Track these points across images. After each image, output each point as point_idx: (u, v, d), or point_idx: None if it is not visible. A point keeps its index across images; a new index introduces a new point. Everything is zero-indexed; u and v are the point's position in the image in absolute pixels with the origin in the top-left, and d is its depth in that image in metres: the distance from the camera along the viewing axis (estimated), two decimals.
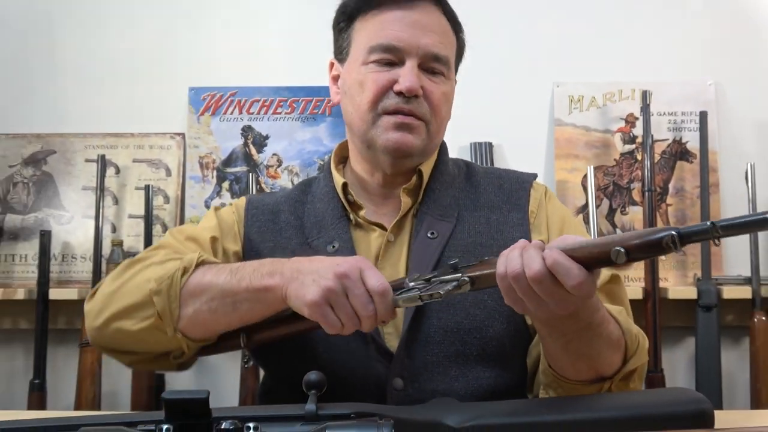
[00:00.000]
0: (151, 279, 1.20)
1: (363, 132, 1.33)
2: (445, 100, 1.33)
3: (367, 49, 1.31)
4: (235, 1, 2.57)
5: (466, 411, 0.98)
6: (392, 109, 1.29)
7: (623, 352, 1.17)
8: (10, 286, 2.42)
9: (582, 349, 1.11)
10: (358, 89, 1.32)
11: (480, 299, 1.27)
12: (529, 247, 0.99)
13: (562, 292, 0.97)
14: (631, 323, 1.22)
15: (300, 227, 1.37)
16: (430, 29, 1.31)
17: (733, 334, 2.40)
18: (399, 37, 1.29)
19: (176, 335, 1.19)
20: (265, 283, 1.14)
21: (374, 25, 1.32)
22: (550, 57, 2.51)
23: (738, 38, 2.49)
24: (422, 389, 1.24)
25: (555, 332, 1.09)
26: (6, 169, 2.51)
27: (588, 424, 0.97)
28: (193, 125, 2.52)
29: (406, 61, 1.29)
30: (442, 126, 1.36)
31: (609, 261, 0.94)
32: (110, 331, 1.22)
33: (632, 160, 2.46)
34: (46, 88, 2.57)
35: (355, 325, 1.09)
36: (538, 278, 0.96)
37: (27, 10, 2.59)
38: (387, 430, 0.81)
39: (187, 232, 1.37)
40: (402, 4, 1.31)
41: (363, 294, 1.08)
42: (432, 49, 1.30)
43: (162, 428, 0.80)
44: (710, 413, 0.97)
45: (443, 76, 1.33)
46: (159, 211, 2.47)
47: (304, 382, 0.92)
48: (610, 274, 1.30)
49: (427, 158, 1.37)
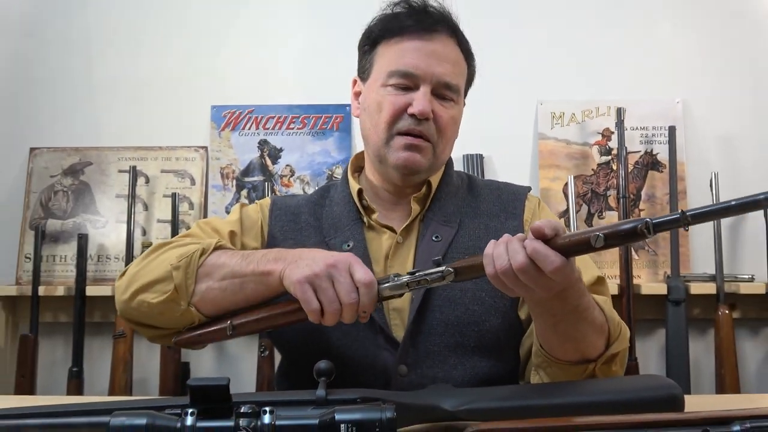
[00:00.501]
0: (173, 257, 1.21)
1: (377, 148, 1.33)
2: (452, 122, 1.33)
3: (387, 73, 1.31)
4: (252, 30, 2.57)
5: (461, 396, 0.98)
6: (405, 129, 1.29)
7: (606, 337, 1.17)
8: (52, 283, 2.42)
9: (569, 331, 1.11)
10: (376, 109, 1.32)
11: (478, 296, 1.27)
12: (512, 240, 1.01)
13: (544, 278, 0.99)
14: (614, 312, 1.23)
15: (318, 228, 1.37)
16: (445, 59, 1.30)
17: (699, 326, 2.39)
18: (416, 65, 1.29)
19: (189, 309, 1.19)
20: (268, 268, 1.15)
21: (395, 52, 1.32)
22: (534, 78, 2.51)
23: (703, 61, 2.49)
24: (424, 375, 1.24)
25: (545, 313, 1.10)
26: (48, 179, 2.51)
27: (571, 407, 0.96)
28: (215, 139, 2.51)
29: (421, 87, 1.29)
30: (448, 146, 1.36)
31: (588, 245, 0.97)
32: (135, 303, 1.21)
33: (608, 170, 2.45)
34: (83, 106, 2.58)
35: (335, 311, 1.08)
36: (522, 268, 0.98)
37: (66, 35, 2.59)
38: (389, 413, 0.81)
39: (212, 224, 1.38)
40: (421, 34, 1.30)
41: (348, 283, 1.08)
42: (444, 78, 1.30)
43: (187, 412, 0.80)
44: (680, 398, 0.97)
45: (453, 101, 1.33)
46: (184, 217, 2.47)
47: (315, 370, 0.92)
48: (596, 276, 1.31)
49: (433, 174, 1.37)
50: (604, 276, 1.34)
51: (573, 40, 2.51)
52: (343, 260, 1.10)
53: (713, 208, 0.92)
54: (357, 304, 1.08)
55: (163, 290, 1.18)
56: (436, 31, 1.31)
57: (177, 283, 1.18)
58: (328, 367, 0.92)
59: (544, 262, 0.97)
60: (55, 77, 2.58)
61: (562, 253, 0.98)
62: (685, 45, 2.50)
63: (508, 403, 0.97)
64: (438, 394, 0.99)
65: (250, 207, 1.43)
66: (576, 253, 1.00)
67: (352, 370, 1.24)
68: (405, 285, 1.09)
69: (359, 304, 1.08)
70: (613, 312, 1.22)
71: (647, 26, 2.51)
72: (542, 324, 1.14)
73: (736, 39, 2.49)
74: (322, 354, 1.00)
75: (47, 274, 2.43)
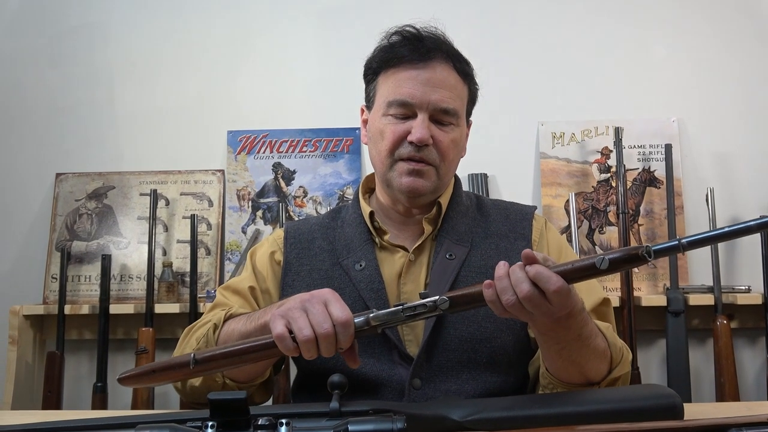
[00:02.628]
0: (194, 342, 1.24)
1: (383, 173, 1.34)
2: (453, 145, 1.32)
3: (386, 103, 1.32)
4: (265, 59, 2.59)
5: (469, 406, 0.98)
6: (406, 156, 1.30)
7: (609, 363, 1.18)
8: (77, 302, 2.43)
9: (573, 357, 1.12)
10: (379, 137, 1.33)
11: (490, 313, 1.26)
12: (514, 269, 1.00)
13: (546, 304, 0.98)
14: (616, 338, 1.23)
15: (332, 250, 1.37)
16: (441, 86, 1.30)
17: (698, 335, 2.38)
18: (412, 94, 1.29)
19: (226, 382, 1.22)
20: (263, 319, 1.15)
21: (393, 82, 1.32)
22: (535, 100, 2.52)
23: (697, 81, 2.49)
24: (437, 389, 1.24)
25: (550, 340, 1.10)
26: (73, 202, 2.53)
27: (573, 416, 0.96)
28: (231, 163, 2.53)
29: (419, 115, 1.29)
30: (451, 167, 1.35)
31: (593, 268, 0.96)
32: (188, 389, 1.25)
33: (608, 186, 2.45)
34: (106, 133, 2.60)
35: (307, 339, 1.01)
36: (528, 296, 0.97)
37: (89, 67, 2.62)
38: (400, 423, 0.81)
39: (232, 287, 1.39)
40: (416, 63, 1.30)
41: (320, 313, 1.02)
42: (440, 104, 1.29)
43: (207, 425, 0.80)
44: (680, 406, 0.97)
45: (452, 125, 1.32)
46: (203, 237, 2.48)
47: (329, 384, 0.92)
48: (602, 298, 1.32)
49: (438, 194, 1.36)
50: (609, 298, 1.34)
51: (572, 64, 2.52)
52: (319, 294, 1.06)
53: (707, 236, 0.93)
54: (333, 336, 1.02)
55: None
56: (431, 58, 1.30)
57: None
58: (341, 380, 0.92)
59: (548, 282, 0.96)
60: (80, 106, 2.60)
61: (565, 278, 0.98)
62: (680, 66, 2.50)
63: (513, 413, 0.96)
64: (446, 404, 0.99)
65: (259, 253, 1.43)
66: (579, 278, 0.99)
67: (369, 385, 1.25)
68: (401, 311, 1.03)
69: (336, 340, 1.02)
70: (615, 338, 1.22)
71: (643, 49, 2.52)
72: (547, 350, 1.14)
73: (729, 59, 2.49)
74: (339, 370, 0.99)
75: (72, 293, 2.44)
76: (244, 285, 1.38)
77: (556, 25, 2.54)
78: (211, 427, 0.80)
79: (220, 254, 2.47)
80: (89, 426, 0.95)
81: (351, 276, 1.32)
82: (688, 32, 2.51)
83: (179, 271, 2.42)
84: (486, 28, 2.54)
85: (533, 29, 2.55)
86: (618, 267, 0.96)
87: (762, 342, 2.35)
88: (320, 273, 1.34)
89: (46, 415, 1.35)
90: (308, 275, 1.35)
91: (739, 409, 1.21)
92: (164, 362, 1.07)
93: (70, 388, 2.40)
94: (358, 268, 1.31)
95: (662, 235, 2.38)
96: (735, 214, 2.42)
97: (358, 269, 1.31)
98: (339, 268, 1.33)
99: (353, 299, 1.30)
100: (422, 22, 1.37)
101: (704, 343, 2.38)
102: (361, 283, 1.30)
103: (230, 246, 2.47)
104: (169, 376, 1.08)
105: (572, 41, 2.53)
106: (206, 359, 1.04)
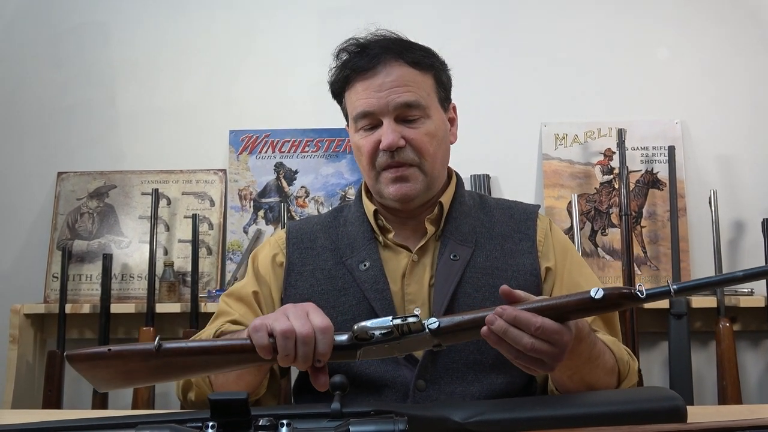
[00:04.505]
0: None
1: (372, 186, 1.35)
2: (429, 139, 1.30)
3: (353, 119, 1.33)
4: (267, 59, 2.59)
5: (471, 408, 0.97)
6: (384, 165, 1.29)
7: (617, 377, 1.19)
8: (78, 301, 2.43)
9: (585, 378, 1.12)
10: (359, 152, 1.34)
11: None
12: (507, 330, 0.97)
13: (548, 347, 0.97)
14: (622, 351, 1.24)
15: (335, 249, 1.36)
16: (395, 85, 1.28)
17: (701, 338, 2.37)
18: (368, 103, 1.29)
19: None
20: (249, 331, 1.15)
21: (353, 97, 1.33)
22: (538, 101, 2.51)
23: (701, 83, 2.49)
24: (441, 391, 1.24)
25: (562, 367, 1.09)
26: (74, 201, 2.53)
27: (577, 418, 0.96)
28: (233, 162, 2.53)
29: (383, 121, 1.28)
30: (435, 160, 1.32)
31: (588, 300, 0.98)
32: (188, 403, 1.27)
33: (610, 188, 2.45)
34: (108, 132, 2.60)
35: (287, 331, 0.98)
36: (529, 348, 0.97)
37: (91, 67, 2.62)
38: (402, 425, 0.80)
39: (235, 294, 1.38)
40: (366, 73, 1.30)
41: (301, 317, 1.00)
42: (398, 100, 1.28)
43: (208, 425, 0.80)
44: (683, 409, 0.96)
45: (422, 118, 1.30)
46: (204, 236, 2.47)
47: (330, 385, 0.92)
48: None
49: (434, 191, 1.35)
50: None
51: (575, 65, 2.52)
52: (301, 305, 1.05)
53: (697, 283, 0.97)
54: (312, 338, 0.98)
55: (193, 389, 1.24)
56: (378, 63, 1.30)
57: (195, 382, 1.23)
58: (342, 381, 0.92)
59: (528, 324, 0.96)
60: (82, 106, 2.60)
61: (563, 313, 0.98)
62: (684, 68, 2.50)
63: (516, 415, 0.96)
64: (448, 406, 0.98)
65: (261, 256, 1.42)
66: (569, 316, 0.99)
67: (372, 386, 1.25)
68: (390, 322, 0.99)
69: (316, 349, 0.99)
70: (621, 351, 1.23)
71: (646, 51, 2.51)
72: (559, 376, 1.14)
73: (732, 61, 2.48)
74: (343, 373, 0.99)
75: (73, 292, 2.44)
76: (247, 290, 1.37)
77: (559, 27, 2.54)
78: (211, 428, 0.79)
79: (221, 254, 2.47)
80: (90, 426, 0.95)
81: (355, 276, 1.31)
82: (692, 34, 2.51)
83: (180, 271, 2.42)
84: (488, 28, 2.54)
85: (536, 30, 2.54)
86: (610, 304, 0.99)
87: (765, 345, 2.35)
88: (323, 272, 1.34)
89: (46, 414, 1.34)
90: (311, 275, 1.34)
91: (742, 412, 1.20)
92: (124, 346, 0.98)
93: (70, 388, 2.40)
94: (363, 268, 1.31)
95: (665, 237, 2.38)
96: (738, 217, 2.42)
97: (362, 269, 1.31)
98: (342, 268, 1.33)
99: (357, 299, 1.29)
100: (368, 30, 1.37)
101: (707, 345, 2.37)
102: (365, 283, 1.30)
103: (232, 246, 2.47)
104: (127, 364, 0.98)
105: (575, 42, 2.53)
106: (172, 351, 0.97)
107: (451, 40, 1.38)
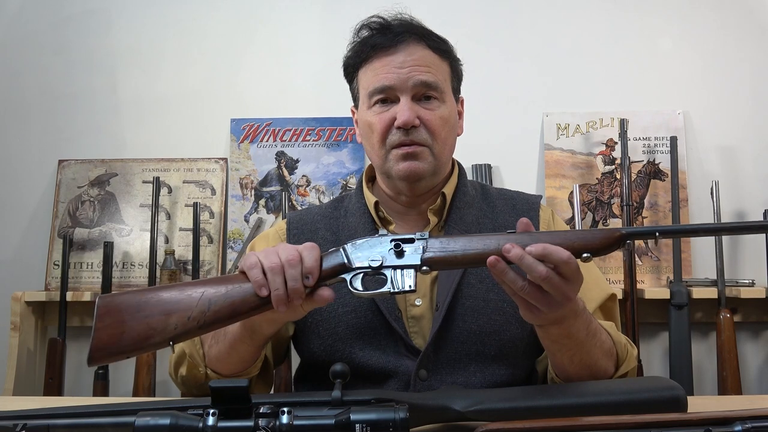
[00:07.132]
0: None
1: (380, 165, 1.33)
2: (442, 123, 1.30)
3: (368, 95, 1.32)
4: (269, 47, 2.59)
5: (472, 397, 0.98)
6: (397, 142, 1.29)
7: (615, 361, 1.19)
8: (78, 289, 2.43)
9: (584, 360, 1.13)
10: (369, 130, 1.33)
11: (500, 306, 1.27)
12: (523, 256, 0.99)
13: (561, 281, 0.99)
14: (620, 335, 1.24)
15: (336, 240, 1.35)
16: (416, 63, 1.29)
17: (701, 329, 2.38)
18: (388, 78, 1.29)
19: (207, 371, 1.23)
20: (233, 333, 1.18)
21: (370, 73, 1.32)
22: (540, 91, 2.51)
23: (703, 73, 2.48)
24: (443, 381, 1.24)
25: (562, 348, 1.11)
26: (75, 189, 2.53)
27: (577, 408, 0.96)
28: (235, 151, 2.53)
29: (401, 98, 1.28)
30: (446, 145, 1.33)
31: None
32: (179, 379, 1.28)
33: (612, 178, 2.44)
34: (109, 120, 2.59)
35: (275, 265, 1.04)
36: (544, 276, 0.98)
37: (92, 54, 2.61)
38: (402, 413, 0.80)
39: None
40: (389, 49, 1.30)
41: (291, 247, 1.06)
42: (419, 78, 1.28)
43: (209, 412, 0.80)
44: (684, 399, 0.97)
45: (437, 100, 1.30)
46: (205, 225, 2.48)
47: (331, 373, 0.92)
48: (609, 293, 1.32)
49: (440, 176, 1.35)
50: (615, 294, 1.35)
51: (577, 55, 2.51)
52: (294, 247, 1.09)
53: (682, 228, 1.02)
54: (298, 259, 1.04)
55: (186, 362, 1.25)
56: (402, 41, 1.30)
57: (189, 352, 1.24)
58: (343, 369, 0.92)
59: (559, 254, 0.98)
60: (83, 93, 2.60)
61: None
62: (686, 58, 2.49)
63: (516, 404, 0.96)
64: (449, 395, 0.98)
65: (261, 244, 1.42)
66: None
67: (374, 376, 1.25)
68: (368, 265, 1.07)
69: (302, 264, 1.04)
70: (619, 335, 1.24)
71: (649, 41, 2.51)
72: (559, 359, 1.15)
73: (735, 52, 2.48)
74: (341, 359, 0.99)
75: (74, 280, 2.44)
76: None
77: (561, 17, 2.53)
78: (212, 415, 0.80)
79: (222, 243, 2.47)
80: (90, 413, 0.95)
81: None
82: (695, 24, 2.50)
83: (181, 259, 2.42)
84: (491, 18, 2.52)
85: (538, 20, 2.53)
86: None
87: (765, 336, 2.35)
88: None
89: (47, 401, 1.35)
90: None
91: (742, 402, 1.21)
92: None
93: (71, 375, 2.41)
94: None
95: None
96: (740, 208, 2.42)
97: None
98: None
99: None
100: (388, 12, 1.37)
101: (707, 336, 2.38)
102: None
103: (232, 234, 2.47)
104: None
105: (578, 32, 2.52)
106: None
107: (454, 29, 1.37)
